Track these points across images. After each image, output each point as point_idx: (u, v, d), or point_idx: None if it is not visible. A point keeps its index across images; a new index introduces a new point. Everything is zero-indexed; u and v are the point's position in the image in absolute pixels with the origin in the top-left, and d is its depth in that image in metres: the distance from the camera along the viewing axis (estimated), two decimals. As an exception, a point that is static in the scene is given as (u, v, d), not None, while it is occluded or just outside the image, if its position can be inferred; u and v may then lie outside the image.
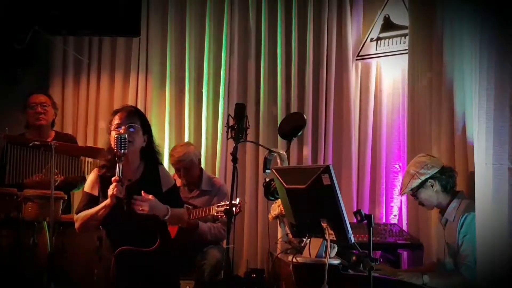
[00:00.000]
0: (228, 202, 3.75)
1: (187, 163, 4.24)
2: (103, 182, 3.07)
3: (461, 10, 3.32)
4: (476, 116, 2.80)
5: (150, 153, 3.19)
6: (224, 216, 3.62)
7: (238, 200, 3.25)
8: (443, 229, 3.21)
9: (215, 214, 3.86)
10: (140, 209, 2.94)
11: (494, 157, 2.66)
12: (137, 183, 3.06)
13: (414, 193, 3.21)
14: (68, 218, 3.69)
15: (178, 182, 4.16)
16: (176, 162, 4.25)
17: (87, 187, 3.18)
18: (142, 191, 2.97)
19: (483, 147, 2.71)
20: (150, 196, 2.98)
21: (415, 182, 3.16)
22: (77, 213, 3.12)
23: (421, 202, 3.24)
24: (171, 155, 4.32)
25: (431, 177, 3.15)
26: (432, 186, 3.16)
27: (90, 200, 3.10)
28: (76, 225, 3.10)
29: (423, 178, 3.15)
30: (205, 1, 5.04)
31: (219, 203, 3.92)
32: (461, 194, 3.20)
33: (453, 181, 3.20)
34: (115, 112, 3.17)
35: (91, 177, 3.19)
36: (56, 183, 3.72)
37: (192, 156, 4.26)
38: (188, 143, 4.51)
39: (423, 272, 3.04)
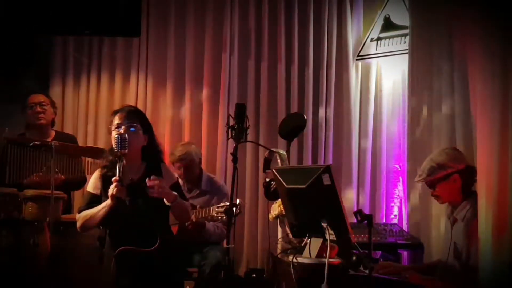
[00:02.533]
0: (227, 203, 3.77)
1: (188, 162, 4.25)
2: (105, 181, 3.08)
3: (461, 9, 3.31)
4: (476, 116, 2.80)
5: (152, 152, 3.19)
6: (224, 216, 3.61)
7: (238, 201, 3.24)
8: (450, 227, 3.14)
9: (215, 215, 3.86)
10: (151, 185, 2.95)
11: (495, 157, 2.66)
12: (139, 182, 3.06)
13: (433, 183, 3.11)
14: (68, 218, 3.70)
15: (178, 182, 4.16)
16: (177, 161, 4.26)
17: (89, 186, 3.19)
18: (152, 176, 2.99)
19: (484, 147, 2.71)
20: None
21: (441, 172, 3.06)
22: (79, 212, 3.12)
23: (435, 195, 3.15)
24: (172, 154, 4.33)
25: (457, 172, 3.06)
26: (455, 181, 3.07)
27: (92, 200, 3.11)
28: (78, 224, 3.11)
29: (450, 171, 3.05)
30: (205, 1, 5.04)
31: (219, 203, 3.93)
32: (474, 195, 3.13)
33: (472, 181, 3.09)
34: (114, 113, 3.18)
35: (94, 177, 3.20)
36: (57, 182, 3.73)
37: (193, 155, 4.28)
38: (189, 143, 4.52)
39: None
